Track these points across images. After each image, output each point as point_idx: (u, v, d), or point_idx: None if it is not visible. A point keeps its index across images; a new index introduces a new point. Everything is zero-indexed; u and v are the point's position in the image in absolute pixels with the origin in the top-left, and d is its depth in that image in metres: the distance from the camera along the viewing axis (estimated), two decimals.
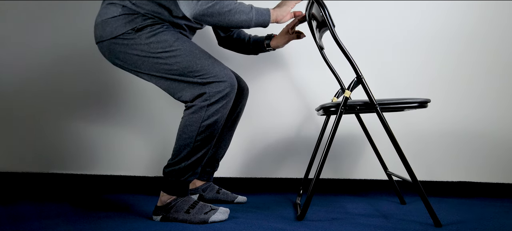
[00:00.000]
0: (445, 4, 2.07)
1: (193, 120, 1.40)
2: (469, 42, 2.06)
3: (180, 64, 1.40)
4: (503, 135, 2.04)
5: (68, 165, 2.08)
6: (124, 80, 2.10)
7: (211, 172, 1.81)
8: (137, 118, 2.10)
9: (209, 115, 1.39)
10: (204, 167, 1.79)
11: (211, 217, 1.42)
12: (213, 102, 1.39)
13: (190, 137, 1.40)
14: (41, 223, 1.40)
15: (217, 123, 1.41)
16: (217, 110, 1.40)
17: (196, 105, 1.40)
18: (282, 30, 1.74)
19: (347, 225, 1.41)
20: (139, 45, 1.42)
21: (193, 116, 1.40)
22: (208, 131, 1.41)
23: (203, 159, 1.45)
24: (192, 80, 1.40)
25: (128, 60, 1.45)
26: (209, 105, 1.39)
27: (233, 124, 1.78)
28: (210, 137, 1.42)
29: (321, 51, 1.76)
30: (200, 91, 1.40)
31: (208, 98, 1.39)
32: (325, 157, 1.47)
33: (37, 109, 2.08)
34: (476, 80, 2.06)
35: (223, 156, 1.82)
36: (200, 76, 1.40)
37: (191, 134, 1.40)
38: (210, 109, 1.39)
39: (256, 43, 1.78)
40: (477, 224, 1.43)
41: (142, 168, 2.09)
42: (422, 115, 2.05)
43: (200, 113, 1.39)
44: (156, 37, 1.41)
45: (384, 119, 1.43)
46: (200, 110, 1.39)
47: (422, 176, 2.03)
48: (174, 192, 1.45)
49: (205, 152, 1.44)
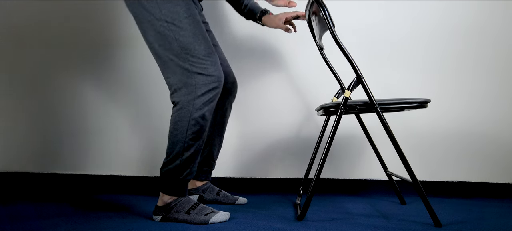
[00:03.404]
0: (445, 4, 2.07)
1: (181, 115, 1.42)
2: (470, 42, 2.06)
3: (180, 42, 1.41)
4: (503, 135, 2.04)
5: (68, 165, 2.08)
6: (124, 80, 2.10)
7: (208, 171, 1.81)
8: (137, 118, 2.10)
9: (197, 108, 1.41)
10: (200, 167, 1.78)
11: (211, 218, 1.42)
12: (199, 95, 1.41)
13: (181, 133, 1.42)
14: (41, 223, 1.40)
15: (205, 116, 1.43)
16: (204, 104, 1.42)
17: (183, 101, 1.41)
18: (279, 15, 1.77)
19: (347, 225, 1.41)
20: (153, 6, 1.42)
21: (181, 112, 1.42)
22: (198, 124, 1.42)
23: (196, 155, 1.46)
24: (183, 64, 1.41)
25: (141, 17, 1.46)
26: (196, 98, 1.41)
27: (223, 120, 1.78)
28: (201, 130, 1.44)
29: (321, 51, 1.76)
30: (186, 79, 1.41)
31: (194, 91, 1.41)
32: (325, 157, 1.46)
33: (37, 109, 2.08)
34: (476, 81, 2.06)
35: (218, 153, 1.82)
36: (192, 62, 1.41)
37: (181, 130, 1.42)
38: (196, 103, 1.41)
39: (250, 12, 1.83)
40: (477, 224, 1.43)
41: (142, 168, 2.09)
42: (422, 115, 2.05)
43: (188, 108, 1.41)
44: (171, 6, 1.42)
45: (384, 119, 1.43)
46: (188, 104, 1.41)
47: (422, 176, 2.03)
48: (172, 192, 1.45)
49: (198, 148, 1.45)
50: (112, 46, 2.10)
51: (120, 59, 2.10)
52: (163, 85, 1.91)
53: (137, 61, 2.09)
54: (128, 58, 2.10)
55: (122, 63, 2.10)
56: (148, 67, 2.06)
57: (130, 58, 2.10)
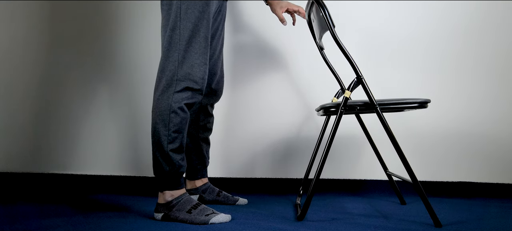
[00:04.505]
0: (445, 4, 2.07)
1: (162, 103, 1.45)
2: (470, 42, 2.06)
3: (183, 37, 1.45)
4: (503, 135, 2.04)
5: (68, 165, 2.08)
6: (125, 80, 2.10)
7: (203, 168, 1.80)
8: (137, 118, 2.10)
9: (176, 101, 1.44)
10: (195, 166, 1.78)
11: (212, 219, 1.42)
12: (179, 91, 1.44)
13: (163, 121, 1.44)
14: (41, 223, 1.40)
15: (184, 108, 1.46)
16: (182, 99, 1.45)
17: (164, 89, 1.45)
18: (283, 2, 1.75)
19: (347, 225, 1.41)
20: None
21: (162, 99, 1.45)
22: (180, 113, 1.44)
23: (182, 146, 1.48)
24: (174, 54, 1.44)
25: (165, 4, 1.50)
26: (175, 93, 1.44)
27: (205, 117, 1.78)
28: (183, 121, 1.46)
29: (321, 52, 1.76)
30: (173, 70, 1.44)
31: (174, 86, 1.44)
32: (325, 157, 1.47)
33: (37, 109, 2.08)
34: (476, 81, 2.06)
35: (208, 150, 1.82)
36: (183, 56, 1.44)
37: (163, 117, 1.44)
38: (176, 97, 1.44)
39: None
40: (477, 224, 1.43)
41: (142, 168, 2.09)
42: (422, 115, 2.05)
43: (168, 101, 1.44)
44: (193, 5, 1.45)
45: (384, 119, 1.43)
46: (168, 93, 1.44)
47: (422, 176, 2.03)
48: (166, 186, 1.46)
49: (181, 138, 1.47)
50: (112, 46, 2.10)
51: (120, 59, 2.10)
52: None
53: (138, 61, 2.09)
54: (129, 59, 2.10)
55: (123, 64, 2.10)
56: (147, 67, 2.06)
57: (132, 59, 2.10)
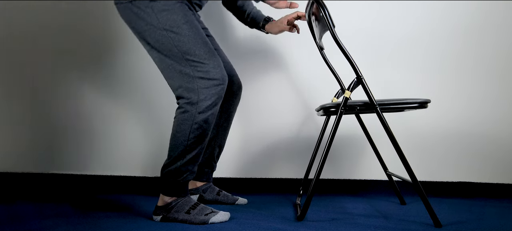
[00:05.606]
0: (445, 4, 2.07)
1: (184, 118, 1.42)
2: (470, 42, 2.06)
3: (180, 48, 1.42)
4: (503, 135, 2.04)
5: (67, 165, 2.08)
6: (125, 81, 2.10)
7: (209, 172, 1.81)
8: (137, 118, 2.10)
9: (200, 112, 1.41)
10: (202, 168, 1.78)
11: (211, 218, 1.42)
12: (202, 99, 1.41)
13: (183, 135, 1.42)
14: (41, 223, 1.40)
15: (208, 120, 1.43)
16: (207, 107, 1.41)
17: (187, 104, 1.42)
18: (281, 19, 1.76)
19: (347, 225, 1.41)
20: (150, 15, 1.43)
21: (185, 115, 1.42)
22: (200, 129, 1.42)
23: (198, 157, 1.46)
24: (184, 69, 1.42)
25: (137, 26, 1.46)
26: (199, 102, 1.40)
27: (227, 122, 1.78)
28: (203, 134, 1.43)
29: (321, 52, 1.76)
30: (188, 84, 1.41)
31: (197, 95, 1.41)
32: (325, 157, 1.47)
33: (37, 109, 2.08)
34: (476, 81, 2.06)
35: (220, 155, 1.82)
36: (194, 67, 1.41)
37: (184, 133, 1.42)
38: (200, 107, 1.41)
39: (253, 21, 1.82)
40: (477, 224, 1.43)
41: (141, 168, 2.09)
42: (422, 115, 2.05)
43: (191, 112, 1.41)
44: (168, 13, 1.42)
45: (384, 119, 1.43)
46: (191, 107, 1.41)
47: (422, 176, 2.03)
48: (172, 193, 1.45)
49: (200, 150, 1.45)
50: (113, 46, 2.10)
51: (121, 59, 2.10)
52: (165, 86, 1.90)
53: (138, 61, 2.09)
54: (129, 59, 2.10)
55: (124, 64, 2.10)
56: (150, 68, 2.06)
57: (132, 59, 2.10)
